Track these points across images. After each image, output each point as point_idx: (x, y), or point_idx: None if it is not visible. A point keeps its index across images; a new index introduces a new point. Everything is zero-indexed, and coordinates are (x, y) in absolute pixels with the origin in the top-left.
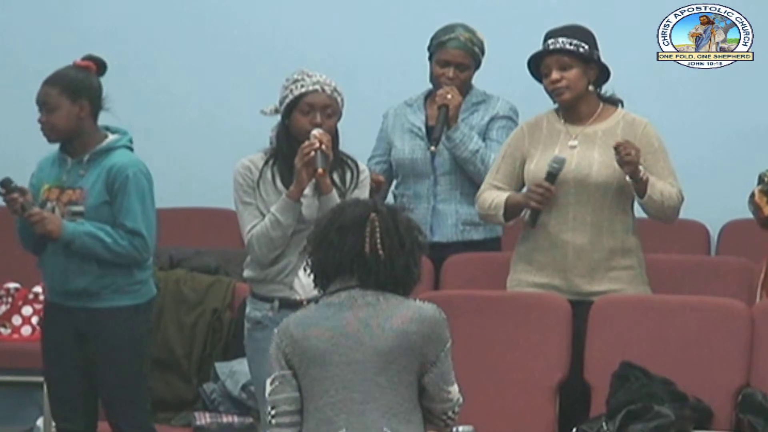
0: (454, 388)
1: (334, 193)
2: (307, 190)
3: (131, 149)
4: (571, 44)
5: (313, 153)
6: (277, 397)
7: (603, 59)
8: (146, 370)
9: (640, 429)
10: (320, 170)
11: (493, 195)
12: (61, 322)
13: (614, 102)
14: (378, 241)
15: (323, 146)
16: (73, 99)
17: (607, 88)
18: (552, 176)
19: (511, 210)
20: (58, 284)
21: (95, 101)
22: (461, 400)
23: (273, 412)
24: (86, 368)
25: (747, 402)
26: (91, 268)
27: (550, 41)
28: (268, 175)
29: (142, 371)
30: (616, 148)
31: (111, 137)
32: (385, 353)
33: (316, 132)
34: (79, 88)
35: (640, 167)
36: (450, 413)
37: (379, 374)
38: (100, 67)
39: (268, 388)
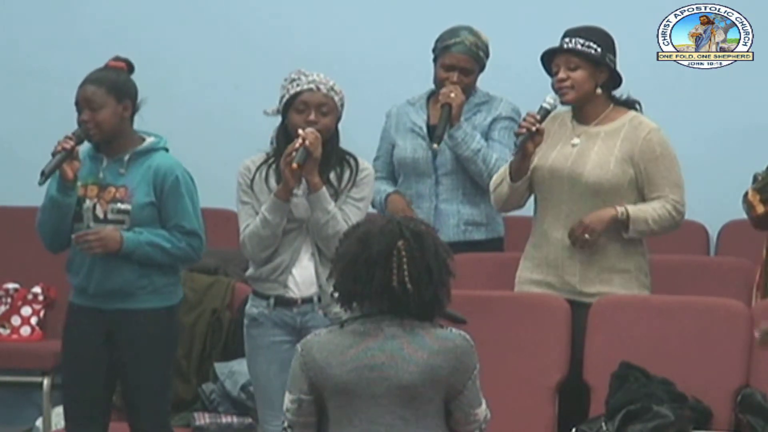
0: (481, 409)
1: (324, 191)
2: (299, 190)
3: (167, 151)
4: (582, 45)
5: (294, 153)
6: (295, 419)
7: (617, 63)
8: (172, 371)
9: (639, 429)
10: (294, 165)
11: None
12: (88, 325)
13: (630, 104)
14: (405, 274)
15: (306, 143)
16: (118, 98)
17: (621, 91)
18: (543, 111)
19: (513, 166)
20: (95, 283)
21: (135, 102)
22: (489, 416)
23: None
24: (110, 371)
25: (746, 402)
26: (131, 266)
27: (565, 40)
28: (262, 175)
29: (168, 373)
30: (569, 238)
31: (150, 139)
32: (410, 387)
33: (301, 131)
34: (123, 89)
35: (618, 209)
36: (477, 431)
37: (404, 408)
38: (130, 67)
39: (287, 404)
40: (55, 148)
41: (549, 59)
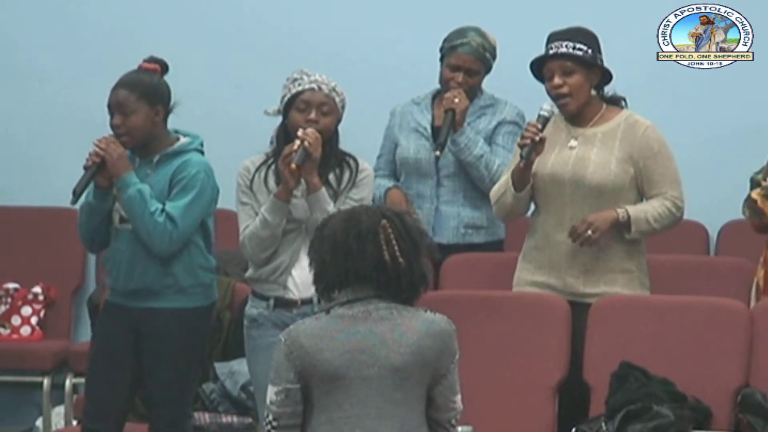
0: (459, 397)
1: (323, 191)
2: (299, 191)
3: (202, 152)
4: (574, 48)
5: (293, 154)
6: (281, 410)
7: (605, 61)
8: (195, 373)
9: (639, 429)
10: (293, 166)
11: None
12: (117, 322)
13: (617, 101)
14: (395, 248)
15: (306, 143)
16: (151, 104)
17: (608, 88)
18: (543, 119)
19: (517, 176)
20: (122, 282)
21: (168, 105)
22: (461, 407)
23: (275, 424)
24: (134, 370)
25: (746, 402)
26: (154, 266)
27: (553, 44)
28: (262, 175)
29: (189, 374)
30: (570, 235)
31: (182, 140)
32: (401, 369)
33: (300, 131)
34: (156, 93)
35: (619, 211)
36: (453, 421)
37: (395, 390)
38: (164, 68)
39: (272, 397)
40: (85, 162)
41: (539, 65)
